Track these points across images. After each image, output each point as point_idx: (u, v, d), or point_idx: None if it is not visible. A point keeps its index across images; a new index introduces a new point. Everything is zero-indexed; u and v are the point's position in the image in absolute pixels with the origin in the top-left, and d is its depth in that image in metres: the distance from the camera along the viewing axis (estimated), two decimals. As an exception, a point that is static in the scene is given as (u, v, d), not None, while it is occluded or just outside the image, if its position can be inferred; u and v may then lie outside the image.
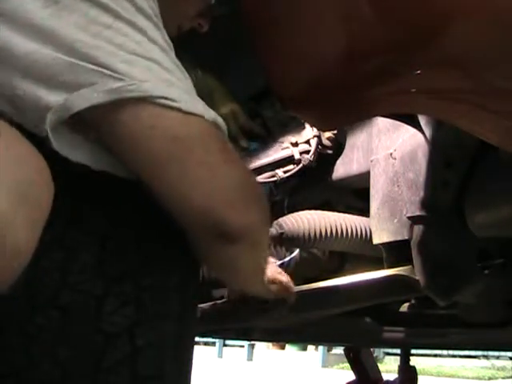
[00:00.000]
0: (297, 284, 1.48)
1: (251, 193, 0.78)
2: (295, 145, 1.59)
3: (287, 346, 9.51)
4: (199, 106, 0.74)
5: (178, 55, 0.77)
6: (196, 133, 0.73)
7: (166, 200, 0.74)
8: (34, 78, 0.70)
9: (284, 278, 1.34)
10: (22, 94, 0.70)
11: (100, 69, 0.69)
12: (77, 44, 0.69)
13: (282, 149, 1.60)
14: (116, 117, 0.70)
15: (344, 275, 1.55)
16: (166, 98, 0.70)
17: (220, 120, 0.76)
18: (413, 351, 2.55)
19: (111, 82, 0.69)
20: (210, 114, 0.75)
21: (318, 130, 1.55)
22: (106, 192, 0.75)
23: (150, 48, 0.72)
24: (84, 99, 0.69)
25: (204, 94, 0.77)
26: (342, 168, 1.61)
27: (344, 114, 0.97)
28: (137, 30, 0.72)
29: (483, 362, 8.59)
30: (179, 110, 0.71)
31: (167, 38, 0.76)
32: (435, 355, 8.54)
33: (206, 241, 0.76)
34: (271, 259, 1.38)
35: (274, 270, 1.30)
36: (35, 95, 0.70)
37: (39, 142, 0.68)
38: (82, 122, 0.71)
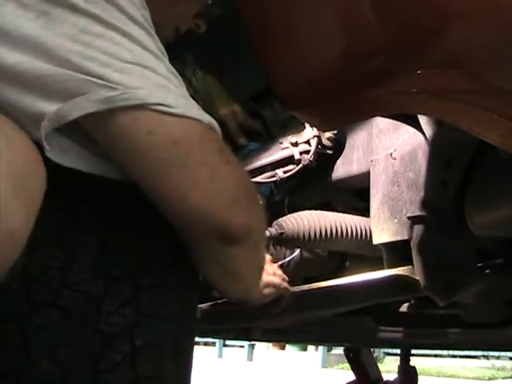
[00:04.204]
0: (297, 284, 1.49)
1: (251, 193, 0.78)
2: (295, 145, 1.59)
3: (287, 346, 9.51)
4: (195, 110, 0.74)
5: (178, 56, 0.77)
6: (194, 136, 0.73)
7: (166, 204, 0.74)
8: (27, 87, 0.70)
9: (277, 279, 1.34)
10: (15, 103, 0.70)
11: (93, 79, 0.69)
12: (69, 54, 0.69)
13: (282, 149, 1.60)
14: (113, 125, 0.71)
15: (344, 275, 1.55)
16: (162, 105, 0.71)
17: (215, 123, 0.77)
18: (413, 351, 2.55)
19: (104, 91, 0.69)
20: (205, 117, 0.75)
21: (318, 130, 1.55)
22: (106, 192, 0.75)
23: (143, 56, 0.73)
24: (77, 108, 0.69)
25: (204, 94, 0.78)
26: (342, 168, 1.60)
27: (344, 114, 0.97)
28: (129, 39, 0.72)
29: (483, 362, 8.59)
30: (176, 114, 0.72)
31: (160, 45, 0.77)
32: (435, 355, 8.54)
33: (206, 243, 0.76)
34: (269, 260, 1.38)
35: (267, 272, 1.30)
36: (28, 103, 0.70)
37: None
38: (76, 129, 0.71)
